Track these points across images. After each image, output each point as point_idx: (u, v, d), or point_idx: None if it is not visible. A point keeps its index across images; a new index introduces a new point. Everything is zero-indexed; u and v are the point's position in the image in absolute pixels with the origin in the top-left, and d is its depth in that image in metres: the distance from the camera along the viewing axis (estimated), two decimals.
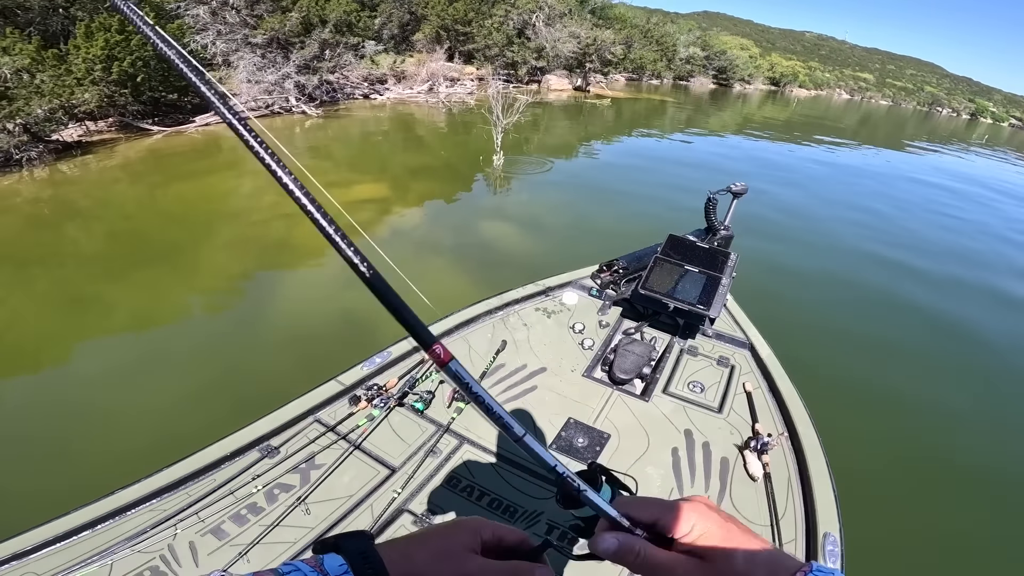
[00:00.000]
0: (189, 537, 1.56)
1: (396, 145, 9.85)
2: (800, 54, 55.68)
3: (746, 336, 2.67)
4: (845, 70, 56.32)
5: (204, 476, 1.73)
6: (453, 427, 2.05)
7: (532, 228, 5.90)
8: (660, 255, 2.77)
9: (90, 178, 6.89)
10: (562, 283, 3.00)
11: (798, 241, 6.77)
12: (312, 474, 1.80)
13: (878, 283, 5.73)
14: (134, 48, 8.66)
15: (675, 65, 30.18)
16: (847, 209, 8.70)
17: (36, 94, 7.46)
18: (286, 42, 11.88)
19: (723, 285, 2.61)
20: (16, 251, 4.87)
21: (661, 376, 2.42)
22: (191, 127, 9.62)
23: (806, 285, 5.50)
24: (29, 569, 1.42)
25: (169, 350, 3.48)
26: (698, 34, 34.66)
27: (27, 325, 3.74)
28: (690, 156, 11.41)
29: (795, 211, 8.07)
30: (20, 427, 2.84)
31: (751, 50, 40.38)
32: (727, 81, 33.78)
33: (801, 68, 45.34)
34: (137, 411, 2.88)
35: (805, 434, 2.01)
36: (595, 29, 21.62)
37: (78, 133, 8.63)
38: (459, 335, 2.58)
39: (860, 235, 7.27)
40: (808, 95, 41.69)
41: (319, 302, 4.04)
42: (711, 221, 3.08)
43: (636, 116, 17.53)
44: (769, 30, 65.84)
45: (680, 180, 8.81)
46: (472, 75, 18.25)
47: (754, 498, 1.83)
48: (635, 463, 1.96)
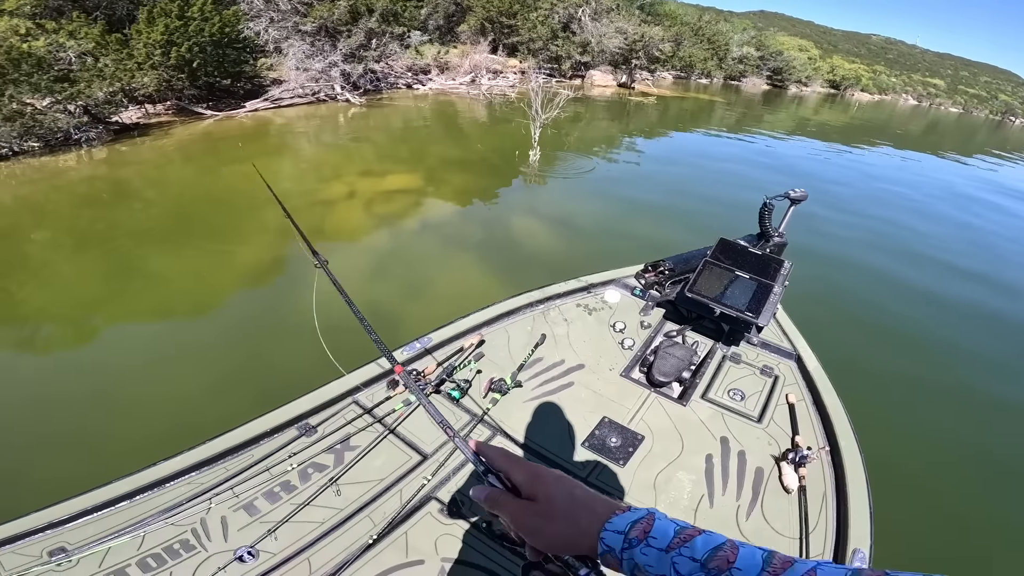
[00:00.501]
0: (222, 512, 1.61)
1: (434, 136, 9.97)
2: (865, 57, 52.96)
3: (793, 347, 2.60)
4: (914, 75, 53.27)
5: (243, 451, 1.79)
6: (487, 417, 2.07)
7: (565, 228, 5.81)
8: (710, 258, 2.72)
9: (143, 159, 7.29)
10: (605, 280, 2.98)
11: (857, 247, 6.50)
12: (346, 455, 1.84)
13: (950, 294, 5.43)
14: (192, 34, 9.09)
15: (726, 64, 29.26)
16: (913, 217, 8.27)
17: (98, 77, 7.94)
18: (334, 30, 12.23)
19: (775, 294, 2.55)
20: (63, 225, 5.21)
21: (701, 381, 2.39)
22: (241, 112, 10.04)
23: (865, 294, 5.27)
24: (62, 539, 1.47)
25: (194, 335, 3.58)
26: (753, 33, 33.49)
27: (64, 295, 4.00)
28: (737, 159, 11.03)
29: (854, 217, 7.71)
30: (65, 387, 3.04)
31: (810, 51, 38.67)
32: (782, 82, 32.47)
33: (865, 71, 43.09)
34: (159, 397, 2.98)
35: (847, 449, 1.97)
36: (643, 25, 21.22)
37: (137, 115, 9.16)
38: (499, 325, 2.60)
39: (929, 246, 6.91)
40: (871, 99, 39.57)
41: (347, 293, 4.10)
42: (765, 227, 2.99)
43: (682, 115, 17.12)
44: (831, 32, 62.97)
45: (725, 184, 8.54)
46: (515, 68, 18.27)
47: (786, 510, 1.81)
48: (667, 467, 1.95)
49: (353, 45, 12.19)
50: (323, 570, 1.49)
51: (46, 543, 1.46)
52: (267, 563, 1.50)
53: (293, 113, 10.70)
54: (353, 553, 1.53)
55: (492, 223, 5.79)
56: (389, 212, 5.79)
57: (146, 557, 1.47)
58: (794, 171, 10.75)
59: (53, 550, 1.45)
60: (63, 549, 1.45)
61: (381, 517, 1.66)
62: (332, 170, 7.30)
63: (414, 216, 5.76)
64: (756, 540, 1.70)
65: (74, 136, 7.38)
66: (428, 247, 5.03)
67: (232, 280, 4.34)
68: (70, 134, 7.34)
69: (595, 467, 1.93)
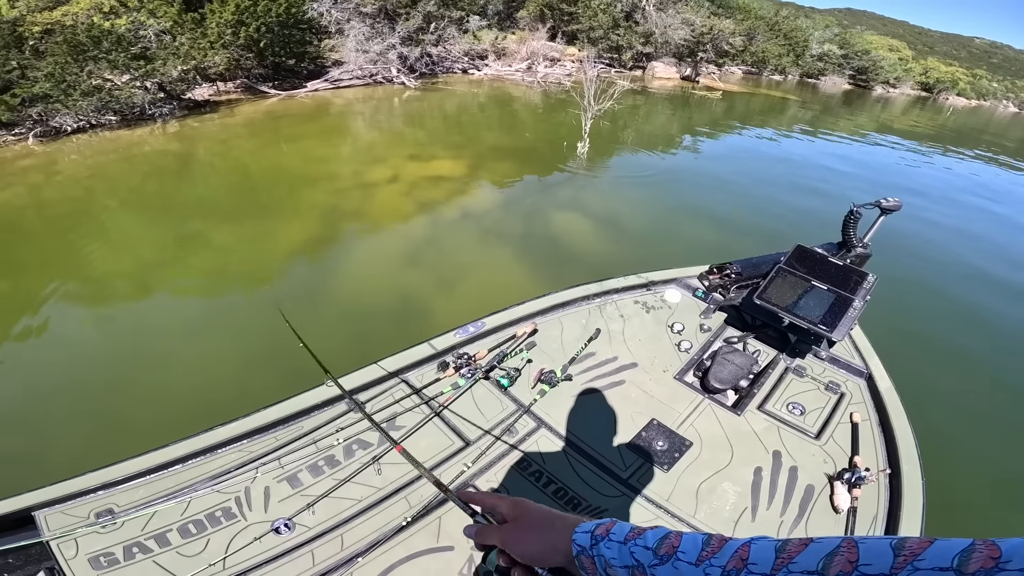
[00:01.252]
0: (266, 482, 1.66)
1: (484, 123, 9.99)
2: (964, 60, 48.71)
3: (866, 365, 2.46)
4: (1018, 81, 48.48)
5: (293, 422, 1.84)
6: (533, 408, 2.06)
7: (610, 227, 5.63)
8: (784, 265, 2.59)
9: (209, 135, 7.73)
10: (666, 279, 2.91)
11: (949, 266, 6.06)
12: (391, 434, 1.86)
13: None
14: (260, 13, 9.49)
15: (804, 61, 27.62)
16: (1009, 237, 7.53)
17: (173, 56, 8.45)
18: (393, 12, 12.47)
19: (854, 308, 2.41)
20: (129, 195, 5.59)
21: (759, 392, 2.30)
22: (302, 92, 10.45)
23: (952, 319, 4.89)
24: (112, 500, 1.53)
25: (231, 310, 3.73)
26: (837, 31, 31.42)
27: (122, 257, 4.29)
28: (807, 162, 10.40)
29: (947, 232, 7.16)
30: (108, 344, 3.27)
31: (902, 52, 35.87)
32: (866, 83, 30.32)
33: (963, 75, 39.56)
34: (206, 361, 3.12)
35: (909, 475, 1.88)
36: (712, 18, 20.35)
37: (208, 92, 9.71)
38: (553, 316, 2.58)
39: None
40: (966, 105, 36.32)
41: (378, 279, 4.14)
42: (848, 236, 2.82)
43: (750, 113, 16.31)
44: (928, 33, 58.30)
45: (790, 189, 8.08)
46: (574, 56, 18.02)
47: (831, 530, 1.73)
48: (712, 476, 1.90)
49: (411, 28, 12.40)
50: (354, 547, 1.52)
51: (95, 504, 1.52)
52: (301, 536, 1.53)
53: (351, 94, 11.03)
54: (386, 534, 1.55)
55: (534, 217, 5.68)
56: (430, 198, 5.82)
57: (188, 523, 1.52)
58: (873, 179, 10.02)
59: (101, 512, 1.50)
60: (111, 511, 1.50)
61: (417, 500, 1.68)
62: (380, 152, 7.45)
63: (455, 204, 5.75)
64: None
65: (148, 111, 7.91)
66: (466, 238, 5.01)
67: (268, 256, 4.50)
68: (144, 109, 7.87)
69: (638, 469, 1.90)
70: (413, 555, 1.52)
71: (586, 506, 1.74)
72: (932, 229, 7.25)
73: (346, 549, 1.52)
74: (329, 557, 1.49)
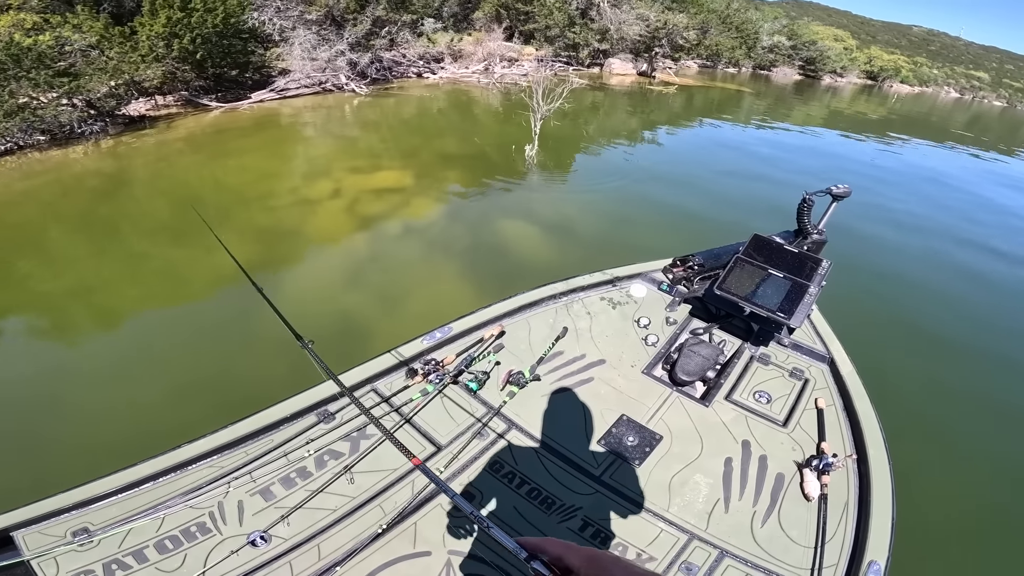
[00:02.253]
0: (239, 496, 1.69)
1: (433, 128, 9.91)
2: (905, 49, 51.94)
3: (827, 350, 2.58)
4: (956, 67, 52.10)
5: (263, 436, 1.86)
6: (503, 410, 2.11)
7: (560, 233, 5.58)
8: (742, 255, 2.71)
9: (142, 152, 7.38)
10: (631, 274, 3.00)
11: (903, 248, 6.44)
12: (362, 443, 1.90)
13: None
14: (194, 25, 9.21)
15: (756, 53, 28.90)
16: (964, 220, 8.08)
17: (100, 71, 8.10)
18: (341, 18, 12.34)
19: (810, 294, 2.54)
20: (52, 218, 5.28)
21: (726, 382, 2.40)
22: (245, 104, 10.19)
23: (911, 298, 5.21)
24: (87, 519, 1.55)
25: (157, 341, 3.53)
26: (785, 22, 33.03)
27: (42, 285, 4.06)
28: (763, 153, 10.89)
29: (901, 217, 7.59)
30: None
31: (846, 42, 37.98)
32: (815, 72, 31.98)
33: (905, 63, 42.21)
34: (115, 405, 2.97)
35: (876, 458, 1.98)
36: (666, 13, 21.04)
37: (146, 107, 9.34)
38: (521, 317, 2.63)
39: (982, 249, 6.80)
40: (910, 92, 38.79)
41: (316, 303, 3.99)
42: (803, 223, 2.98)
43: (705, 106, 16.93)
44: (870, 22, 61.94)
45: (747, 179, 8.41)
46: (531, 56, 18.26)
47: (804, 518, 1.83)
48: (684, 469, 1.97)
49: (359, 34, 12.27)
50: (332, 557, 1.55)
51: (70, 523, 1.54)
52: (278, 548, 1.57)
53: (300, 104, 10.83)
54: (362, 542, 1.59)
55: (481, 227, 5.59)
56: (373, 213, 5.67)
57: (164, 539, 1.54)
58: (832, 167, 10.57)
59: (77, 530, 1.52)
60: (86, 530, 1.53)
61: (392, 507, 1.72)
62: (323, 165, 7.25)
63: (398, 218, 5.61)
64: (770, 548, 1.72)
65: (78, 130, 7.55)
66: (410, 253, 4.90)
67: (199, 282, 4.29)
68: (74, 128, 7.52)
69: (610, 465, 1.96)
70: (391, 562, 1.56)
71: (560, 505, 1.79)
72: (888, 213, 7.72)
73: (324, 559, 1.55)
74: (307, 567, 1.52)
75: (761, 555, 1.71)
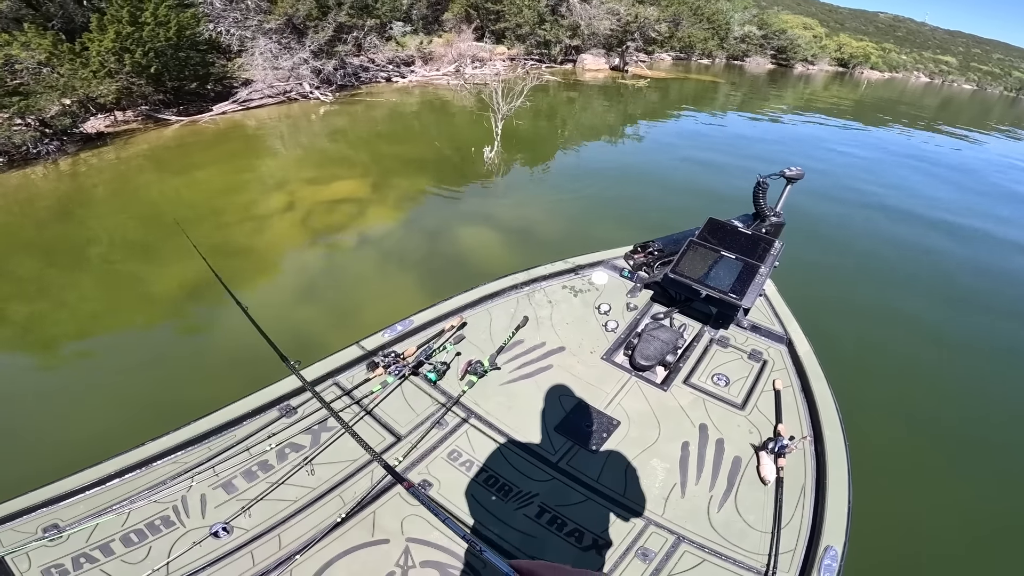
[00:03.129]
0: (202, 490, 1.76)
1: (396, 134, 9.86)
2: (873, 35, 53.53)
3: (784, 331, 2.67)
4: (924, 53, 53.86)
5: (226, 432, 1.93)
6: (462, 400, 2.19)
7: (521, 237, 5.52)
8: (696, 239, 2.82)
9: (98, 171, 7.28)
10: (593, 262, 3.09)
11: (863, 232, 6.64)
12: (322, 436, 1.97)
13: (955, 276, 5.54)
14: (146, 39, 9.10)
15: (728, 44, 29.56)
16: (928, 200, 8.40)
17: (50, 89, 7.98)
18: (302, 26, 12.31)
19: (760, 274, 2.63)
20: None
21: (685, 366, 2.46)
22: (206, 117, 10.13)
23: (870, 278, 5.39)
24: (56, 516, 1.63)
25: (99, 364, 3.52)
26: (755, 12, 33.82)
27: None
28: (733, 142, 11.16)
29: (861, 196, 7.85)
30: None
31: (815, 30, 39.03)
32: (787, 61, 32.82)
33: (874, 49, 43.51)
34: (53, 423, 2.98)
35: (832, 439, 2.01)
36: (637, 6, 21.41)
37: (105, 124, 9.20)
38: (482, 308, 2.71)
39: (942, 227, 7.07)
40: (881, 77, 40.01)
41: (267, 320, 3.95)
42: (760, 206, 3.10)
43: (678, 98, 17.25)
44: (837, 10, 63.67)
45: (715, 173, 8.59)
46: (504, 55, 18.42)
47: (761, 502, 1.86)
48: (641, 454, 2.02)
49: (322, 40, 12.26)
50: (292, 546, 1.63)
51: (41, 520, 1.62)
52: (240, 539, 1.64)
53: (264, 114, 10.77)
54: (321, 531, 1.67)
55: (438, 235, 5.53)
56: (327, 225, 5.63)
57: (129, 533, 1.62)
58: (798, 152, 10.89)
59: (47, 527, 1.60)
60: (56, 526, 1.60)
61: (351, 497, 1.80)
62: (279, 177, 7.21)
63: (352, 229, 5.56)
64: (726, 533, 1.77)
65: (33, 150, 7.45)
66: (363, 265, 4.87)
67: (145, 304, 4.24)
68: (28, 148, 7.41)
69: (567, 452, 2.02)
70: (350, 550, 1.63)
71: (517, 492, 1.86)
72: (855, 195, 7.98)
73: (284, 548, 1.62)
74: (268, 557, 1.60)
75: (718, 540, 1.74)
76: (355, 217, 5.94)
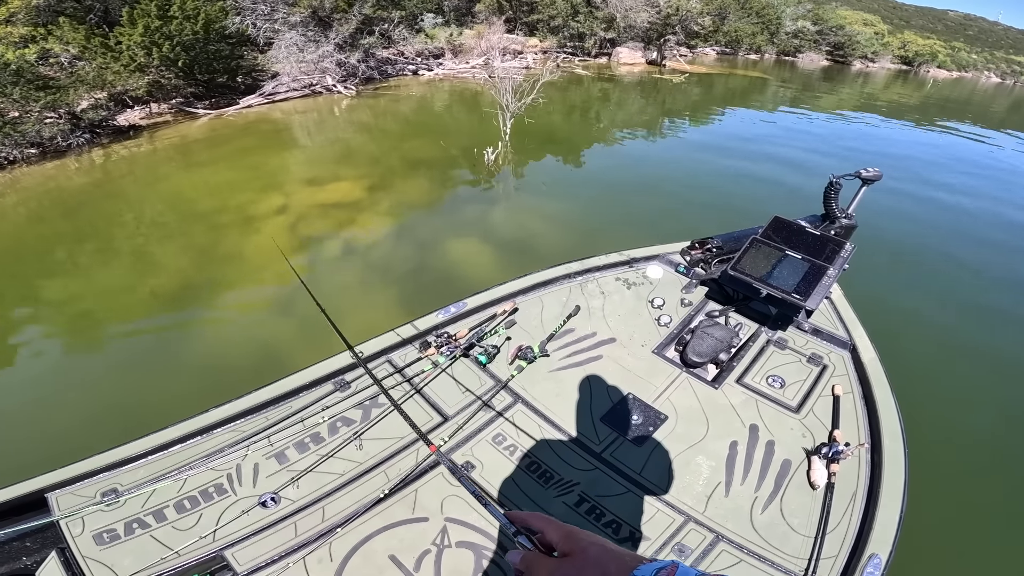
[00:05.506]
0: (256, 459, 1.89)
1: (408, 131, 9.88)
2: (941, 34, 52.23)
3: (849, 336, 2.67)
4: (996, 52, 52.21)
5: (283, 402, 2.09)
6: (510, 384, 2.29)
7: (518, 254, 5.21)
8: (759, 236, 2.85)
9: (119, 164, 7.69)
10: (648, 256, 3.18)
11: (947, 237, 6.49)
12: (373, 412, 2.10)
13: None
14: (173, 33, 9.58)
15: (779, 39, 29.22)
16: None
17: (79, 83, 8.49)
18: (327, 18, 12.72)
19: (828, 276, 2.64)
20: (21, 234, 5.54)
21: (738, 365, 2.50)
22: (232, 110, 10.56)
23: (948, 290, 5.27)
24: (116, 480, 1.77)
25: (78, 369, 3.70)
26: (810, 6, 33.40)
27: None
28: (788, 140, 10.95)
29: (947, 205, 7.53)
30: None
31: (877, 26, 38.26)
32: (844, 58, 32.25)
33: (941, 48, 42.40)
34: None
35: (891, 449, 2.02)
36: None
37: (139, 116, 9.76)
38: (535, 294, 2.83)
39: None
40: (948, 77, 38.89)
41: (245, 327, 4.09)
42: (830, 208, 3.09)
43: (722, 94, 17.07)
44: (902, 7, 62.38)
45: (772, 169, 8.48)
46: (536, 48, 18.64)
47: (807, 506, 1.88)
48: (687, 450, 2.08)
49: (345, 33, 12.62)
50: (334, 519, 1.74)
51: (100, 485, 1.74)
52: (285, 509, 1.77)
53: (289, 107, 11.17)
54: (364, 505, 1.78)
55: (429, 246, 5.36)
56: (316, 232, 5.64)
57: (183, 499, 1.74)
58: (864, 153, 10.60)
59: (106, 491, 1.73)
60: (115, 490, 1.73)
61: (396, 473, 1.91)
62: (281, 176, 7.34)
63: (340, 238, 5.52)
64: (768, 535, 1.80)
65: (63, 143, 7.95)
66: (345, 277, 4.83)
67: (131, 306, 4.43)
68: (58, 141, 7.91)
69: (612, 443, 2.09)
70: (389, 525, 1.73)
71: (558, 480, 1.94)
72: (932, 203, 7.72)
73: (326, 520, 1.73)
74: (310, 528, 1.71)
75: (758, 541, 1.78)
76: (344, 224, 5.80)
